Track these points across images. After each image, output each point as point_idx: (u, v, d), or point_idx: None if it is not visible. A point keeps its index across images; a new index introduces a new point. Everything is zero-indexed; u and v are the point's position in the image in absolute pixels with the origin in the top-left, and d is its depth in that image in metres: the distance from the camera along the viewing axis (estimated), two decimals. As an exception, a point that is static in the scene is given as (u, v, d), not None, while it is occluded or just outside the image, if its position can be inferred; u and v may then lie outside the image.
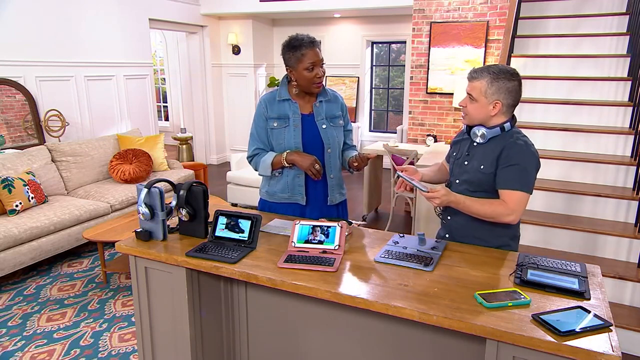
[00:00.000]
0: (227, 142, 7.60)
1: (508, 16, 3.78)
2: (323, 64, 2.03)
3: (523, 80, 3.96)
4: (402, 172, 1.80)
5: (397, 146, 4.52)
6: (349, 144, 2.23)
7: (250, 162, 2.16)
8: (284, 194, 2.11)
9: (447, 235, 1.88)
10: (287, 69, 2.05)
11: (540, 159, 3.23)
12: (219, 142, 7.48)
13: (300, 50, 1.96)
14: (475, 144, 1.77)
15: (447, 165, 1.99)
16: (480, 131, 1.72)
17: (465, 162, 1.79)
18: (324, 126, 2.08)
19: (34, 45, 4.44)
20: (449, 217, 1.87)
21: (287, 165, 2.04)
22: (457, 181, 1.81)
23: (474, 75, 1.69)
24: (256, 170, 2.15)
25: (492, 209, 1.64)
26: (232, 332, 1.98)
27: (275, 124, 2.07)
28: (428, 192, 1.63)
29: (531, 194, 1.67)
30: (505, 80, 1.65)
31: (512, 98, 1.67)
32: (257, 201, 2.27)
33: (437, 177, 2.02)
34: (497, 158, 1.67)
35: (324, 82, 2.09)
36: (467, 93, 1.71)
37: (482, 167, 1.71)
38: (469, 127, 1.77)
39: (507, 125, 1.70)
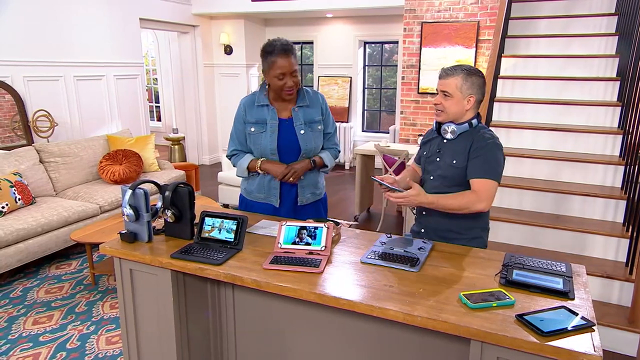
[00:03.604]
0: (219, 143, 7.56)
1: (498, 16, 3.79)
2: (295, 73, 1.97)
3: (513, 81, 4.01)
4: (382, 180, 1.83)
5: (388, 146, 4.52)
6: (330, 146, 2.19)
7: (229, 160, 2.22)
8: (260, 193, 2.15)
9: (422, 231, 1.92)
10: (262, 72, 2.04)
11: (530, 159, 3.33)
12: (211, 143, 7.45)
13: (271, 57, 1.93)
14: (445, 141, 1.84)
15: (417, 167, 2.05)
16: (450, 127, 1.80)
17: (437, 159, 1.85)
18: (302, 132, 2.07)
19: (21, 45, 4.38)
20: (423, 213, 1.92)
21: (261, 172, 2.09)
22: (432, 177, 1.87)
23: (448, 72, 1.77)
24: (234, 167, 2.21)
25: (464, 200, 1.70)
26: (219, 334, 1.96)
27: (252, 129, 2.08)
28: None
29: (499, 183, 1.75)
30: (477, 77, 1.76)
31: (482, 94, 1.79)
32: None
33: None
34: (468, 152, 1.75)
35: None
36: (441, 91, 1.78)
37: (454, 162, 1.78)
38: (439, 126, 1.85)
39: (475, 122, 1.80)
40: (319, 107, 2.13)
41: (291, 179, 2.02)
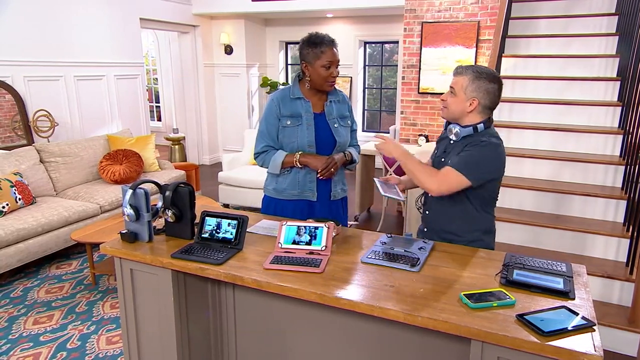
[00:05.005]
0: (219, 143, 7.57)
1: (498, 16, 3.79)
2: (339, 65, 2.06)
3: (514, 81, 3.99)
4: (384, 182, 1.89)
5: (388, 146, 4.51)
6: (353, 143, 2.28)
7: (256, 158, 2.18)
8: (294, 190, 2.13)
9: (425, 230, 1.92)
10: (302, 64, 2.07)
11: (531, 159, 3.31)
12: (212, 143, 7.45)
13: (320, 47, 2.00)
14: (451, 142, 1.82)
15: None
16: (455, 129, 1.77)
17: (443, 159, 1.84)
18: (335, 125, 2.13)
19: (21, 45, 4.38)
20: (427, 212, 1.91)
21: (299, 166, 2.07)
22: None
23: (459, 70, 1.75)
24: (262, 167, 2.18)
25: (424, 171, 1.72)
26: (219, 334, 1.96)
27: (288, 122, 2.08)
28: (404, 200, 1.72)
29: (468, 181, 1.66)
30: (486, 81, 1.69)
31: (490, 100, 1.72)
32: (249, 201, 2.27)
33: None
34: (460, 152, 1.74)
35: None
36: (450, 87, 1.77)
37: (449, 162, 1.76)
38: (448, 123, 1.84)
39: (481, 126, 1.73)
40: (347, 104, 2.21)
41: (332, 169, 2.03)
